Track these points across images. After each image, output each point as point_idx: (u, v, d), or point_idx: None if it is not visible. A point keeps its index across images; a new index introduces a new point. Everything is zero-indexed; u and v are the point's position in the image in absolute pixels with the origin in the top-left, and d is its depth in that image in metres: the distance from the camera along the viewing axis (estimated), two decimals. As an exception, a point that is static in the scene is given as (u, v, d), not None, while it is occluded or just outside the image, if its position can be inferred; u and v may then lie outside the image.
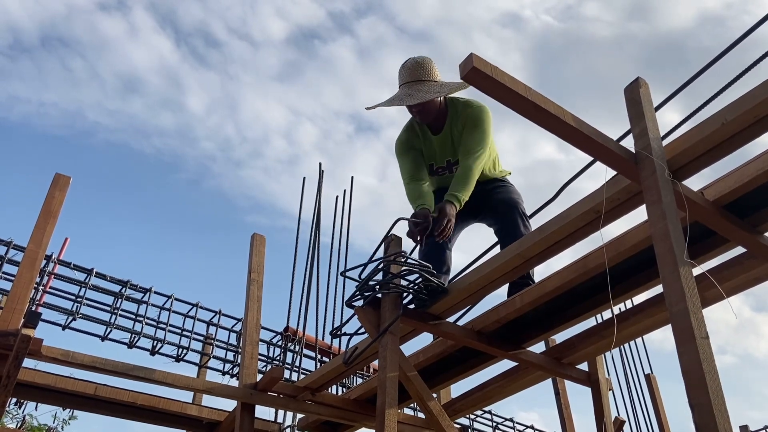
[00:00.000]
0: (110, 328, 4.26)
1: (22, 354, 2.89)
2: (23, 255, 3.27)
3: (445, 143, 3.32)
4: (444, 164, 3.38)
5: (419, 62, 3.20)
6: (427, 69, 3.19)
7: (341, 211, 4.71)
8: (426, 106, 3.17)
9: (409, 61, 3.22)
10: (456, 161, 3.31)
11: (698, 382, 1.69)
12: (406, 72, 3.21)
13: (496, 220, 3.39)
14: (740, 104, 2.03)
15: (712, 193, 2.31)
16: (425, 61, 3.22)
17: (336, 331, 3.38)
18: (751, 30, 2.86)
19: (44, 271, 4.21)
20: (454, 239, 3.49)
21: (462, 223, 3.49)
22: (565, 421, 4.41)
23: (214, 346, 4.80)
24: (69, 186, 3.47)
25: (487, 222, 3.49)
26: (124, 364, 3.25)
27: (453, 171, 3.35)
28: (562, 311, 3.01)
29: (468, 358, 3.51)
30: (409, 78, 3.18)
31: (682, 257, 1.90)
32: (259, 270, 4.11)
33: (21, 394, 3.49)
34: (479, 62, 1.91)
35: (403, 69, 3.24)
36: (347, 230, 4.61)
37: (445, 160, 3.36)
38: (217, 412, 4.05)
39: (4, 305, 3.17)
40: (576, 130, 2.08)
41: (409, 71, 3.20)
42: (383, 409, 2.59)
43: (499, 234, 3.39)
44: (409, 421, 4.16)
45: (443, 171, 3.40)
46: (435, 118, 3.26)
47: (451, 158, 3.34)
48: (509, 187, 3.49)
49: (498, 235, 3.40)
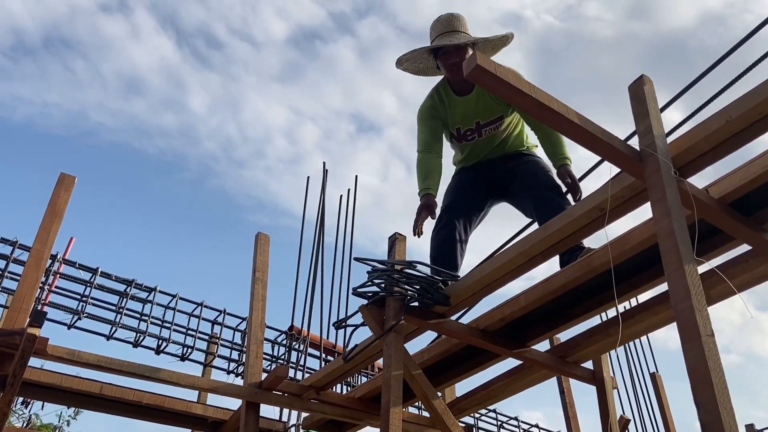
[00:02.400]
0: (115, 327, 4.27)
1: (28, 353, 2.90)
2: (29, 254, 3.28)
3: (475, 104, 3.23)
4: (473, 126, 3.29)
5: (455, 15, 3.16)
6: (464, 22, 3.15)
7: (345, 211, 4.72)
8: (464, 57, 3.07)
9: (444, 14, 3.17)
10: (486, 122, 3.25)
11: (703, 379, 1.68)
12: (440, 24, 3.15)
13: (527, 196, 3.21)
14: (744, 101, 2.02)
15: (717, 190, 2.30)
16: (460, 15, 3.17)
17: (340, 323, 3.38)
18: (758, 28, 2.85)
19: (50, 271, 4.22)
20: (478, 222, 3.43)
21: (488, 205, 3.44)
22: (570, 419, 4.40)
23: (219, 345, 4.80)
24: (74, 185, 3.48)
25: (517, 200, 3.34)
26: (130, 363, 3.26)
27: (483, 134, 3.30)
28: (566, 309, 3.00)
29: (472, 356, 3.51)
30: (444, 29, 3.13)
31: (687, 255, 1.89)
32: (263, 269, 4.11)
33: (27, 393, 3.51)
34: (483, 60, 1.91)
35: (437, 22, 3.17)
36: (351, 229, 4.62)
37: (474, 121, 3.28)
38: (222, 411, 4.06)
39: (10, 305, 3.19)
40: (580, 127, 2.08)
41: (444, 23, 3.14)
42: (388, 408, 2.59)
43: (535, 210, 3.15)
44: (414, 419, 4.16)
45: (472, 134, 3.31)
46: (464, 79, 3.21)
47: (481, 119, 3.26)
48: (537, 159, 3.37)
49: (534, 212, 3.18)
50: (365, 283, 2.89)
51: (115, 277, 4.46)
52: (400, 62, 3.32)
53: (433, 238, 3.31)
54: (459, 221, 3.31)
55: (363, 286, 2.90)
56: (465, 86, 3.23)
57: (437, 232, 3.31)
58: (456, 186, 3.47)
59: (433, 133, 3.33)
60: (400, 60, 3.31)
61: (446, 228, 3.28)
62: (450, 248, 3.25)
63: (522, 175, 3.28)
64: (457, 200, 3.38)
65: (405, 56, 3.28)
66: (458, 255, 3.26)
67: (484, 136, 3.31)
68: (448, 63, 3.15)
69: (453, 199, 3.40)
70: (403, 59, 3.30)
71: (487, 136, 3.32)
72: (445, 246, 3.25)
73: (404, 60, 3.31)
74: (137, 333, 4.36)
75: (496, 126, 3.28)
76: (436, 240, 3.29)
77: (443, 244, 3.25)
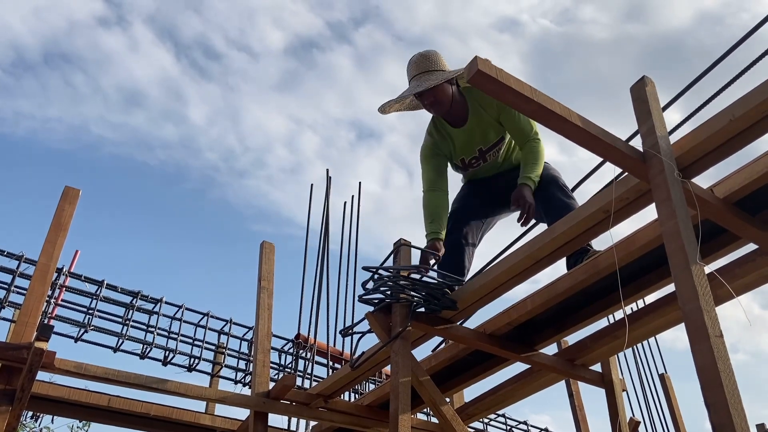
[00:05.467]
0: (122, 339, 4.28)
1: (36, 367, 2.90)
2: (35, 268, 3.29)
3: (473, 133, 3.25)
4: (476, 154, 3.31)
5: (424, 55, 3.17)
6: (434, 59, 3.16)
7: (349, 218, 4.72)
8: (438, 96, 3.11)
9: (415, 56, 3.19)
10: (488, 147, 3.26)
11: (713, 381, 1.67)
12: (412, 67, 3.18)
13: (535, 201, 3.13)
14: (748, 100, 2.01)
15: (722, 190, 2.29)
16: (430, 52, 3.18)
17: (347, 331, 3.37)
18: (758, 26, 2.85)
19: (56, 284, 4.23)
20: (485, 233, 3.44)
21: (495, 215, 3.44)
22: (579, 423, 4.38)
23: (226, 355, 4.81)
24: (78, 198, 3.49)
25: None
26: (137, 375, 3.26)
27: (487, 159, 3.31)
28: (573, 312, 2.99)
29: (480, 361, 3.50)
30: (416, 71, 3.15)
31: (694, 255, 1.88)
32: (269, 278, 4.11)
33: (36, 407, 3.50)
34: (484, 65, 1.91)
35: (409, 65, 3.20)
36: (356, 236, 4.62)
37: (476, 149, 3.30)
38: (230, 422, 4.05)
39: (17, 319, 3.19)
40: (583, 130, 2.08)
41: (416, 65, 3.17)
42: (396, 415, 2.58)
43: (544, 213, 3.12)
44: (423, 426, 4.14)
45: (477, 161, 3.33)
46: (452, 111, 3.21)
47: (483, 146, 3.28)
48: (546, 165, 3.30)
49: (543, 215, 3.14)
50: (371, 290, 2.89)
51: (121, 289, 4.48)
52: (385, 110, 3.32)
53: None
54: (466, 228, 3.32)
55: (369, 293, 2.90)
56: (458, 117, 3.25)
57: (445, 237, 3.31)
58: (464, 195, 3.49)
59: (437, 170, 3.34)
60: (383, 109, 3.30)
61: (453, 234, 3.28)
62: (457, 254, 3.25)
63: None
64: (465, 207, 3.39)
65: (385, 105, 3.29)
66: (465, 261, 3.27)
67: (490, 160, 3.33)
68: (426, 105, 3.18)
69: (460, 206, 3.41)
70: (386, 107, 3.30)
71: (492, 160, 3.35)
72: (453, 252, 3.25)
73: (388, 107, 3.31)
74: (144, 344, 4.36)
75: (498, 149, 3.31)
76: (444, 246, 3.29)
77: (451, 249, 3.25)
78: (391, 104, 3.30)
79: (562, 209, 2.89)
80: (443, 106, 3.16)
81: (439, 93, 3.11)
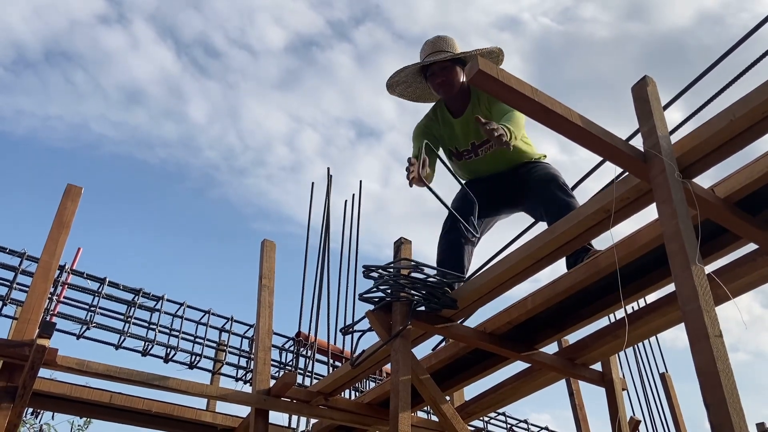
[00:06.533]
0: (124, 336, 4.30)
1: (38, 364, 2.91)
2: (37, 265, 3.30)
3: (468, 125, 3.27)
4: (469, 147, 3.33)
5: (442, 37, 3.22)
6: (450, 42, 3.21)
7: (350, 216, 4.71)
8: (449, 77, 3.15)
9: (432, 37, 3.23)
10: (481, 142, 3.28)
11: (713, 381, 1.67)
12: (427, 46, 3.22)
13: (535, 200, 3.18)
14: (748, 100, 2.01)
15: (722, 190, 2.29)
16: (448, 36, 3.23)
17: (347, 329, 3.38)
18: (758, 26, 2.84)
19: (58, 282, 4.25)
20: (484, 233, 3.44)
21: (495, 215, 3.45)
22: (579, 422, 4.38)
23: (227, 352, 4.82)
24: (81, 196, 3.50)
25: (527, 205, 3.31)
26: (139, 372, 3.27)
27: (479, 154, 3.32)
28: (574, 311, 3.00)
29: (480, 360, 3.51)
30: (431, 50, 3.19)
31: (694, 255, 1.89)
32: (269, 276, 4.12)
33: (37, 404, 3.52)
34: (484, 65, 1.91)
35: (425, 44, 3.24)
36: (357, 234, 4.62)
37: (469, 142, 3.32)
38: (231, 419, 4.07)
39: (19, 316, 3.20)
40: (584, 129, 2.08)
41: (431, 45, 3.21)
42: (396, 413, 2.59)
43: (545, 212, 3.10)
44: (423, 424, 4.15)
45: (469, 154, 3.35)
46: (457, 99, 3.23)
47: (476, 140, 3.29)
48: (545, 164, 3.33)
49: (543, 214, 3.13)
50: (371, 288, 2.89)
51: (123, 287, 4.49)
52: (392, 87, 3.35)
53: (440, 243, 3.32)
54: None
55: (369, 291, 2.90)
56: (459, 107, 3.28)
57: (444, 236, 3.31)
58: (464, 194, 3.48)
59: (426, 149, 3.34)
60: (391, 85, 3.33)
61: (452, 233, 3.28)
62: (457, 253, 3.25)
63: (530, 181, 3.27)
64: (464, 206, 3.38)
65: (394, 78, 3.30)
66: (465, 259, 3.26)
67: (482, 155, 3.33)
68: (435, 83, 3.21)
69: (460, 204, 3.40)
70: (394, 83, 3.32)
71: (485, 156, 3.33)
72: (452, 250, 3.25)
73: (396, 85, 3.34)
74: (146, 342, 4.38)
75: (491, 145, 3.27)
76: (443, 245, 3.29)
77: (450, 248, 3.25)
78: (399, 82, 3.31)
79: (563, 208, 2.89)
80: (452, 88, 3.19)
81: (451, 74, 3.16)
